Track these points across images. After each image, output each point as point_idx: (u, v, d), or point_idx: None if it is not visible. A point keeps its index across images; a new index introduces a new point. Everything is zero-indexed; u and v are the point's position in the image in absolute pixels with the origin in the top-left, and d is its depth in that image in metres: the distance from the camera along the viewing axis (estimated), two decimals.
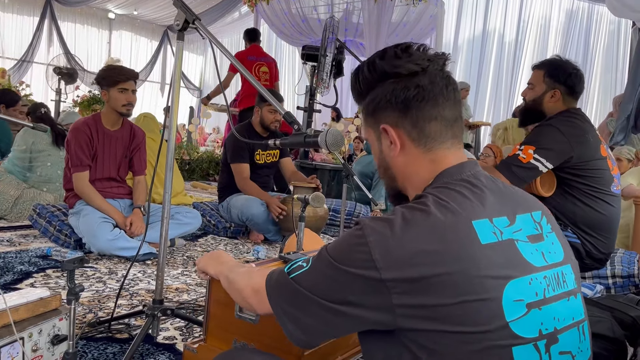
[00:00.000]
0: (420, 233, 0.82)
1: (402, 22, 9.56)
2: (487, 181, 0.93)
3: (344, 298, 0.84)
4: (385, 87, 0.96)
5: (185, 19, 1.68)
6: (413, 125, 0.95)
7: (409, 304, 0.80)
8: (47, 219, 3.32)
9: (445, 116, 0.95)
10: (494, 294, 0.80)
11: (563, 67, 2.31)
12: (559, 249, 0.94)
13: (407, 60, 0.94)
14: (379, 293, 0.81)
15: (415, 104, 0.93)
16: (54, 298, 1.51)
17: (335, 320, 0.86)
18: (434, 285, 0.79)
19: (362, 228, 0.84)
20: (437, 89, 0.94)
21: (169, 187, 1.77)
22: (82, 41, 14.22)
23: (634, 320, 1.76)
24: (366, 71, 0.98)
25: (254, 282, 1.03)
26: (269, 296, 0.95)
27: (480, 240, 0.82)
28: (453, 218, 0.83)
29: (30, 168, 4.09)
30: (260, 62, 5.78)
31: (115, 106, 3.07)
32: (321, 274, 0.87)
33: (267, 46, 13.43)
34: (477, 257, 0.81)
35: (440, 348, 0.80)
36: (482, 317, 0.79)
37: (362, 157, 5.72)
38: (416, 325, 0.80)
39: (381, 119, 0.98)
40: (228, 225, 3.94)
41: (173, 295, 2.45)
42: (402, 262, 0.80)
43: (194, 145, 8.94)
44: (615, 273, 2.77)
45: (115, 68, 3.13)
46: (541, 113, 2.35)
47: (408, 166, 0.98)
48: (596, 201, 2.23)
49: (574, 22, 10.06)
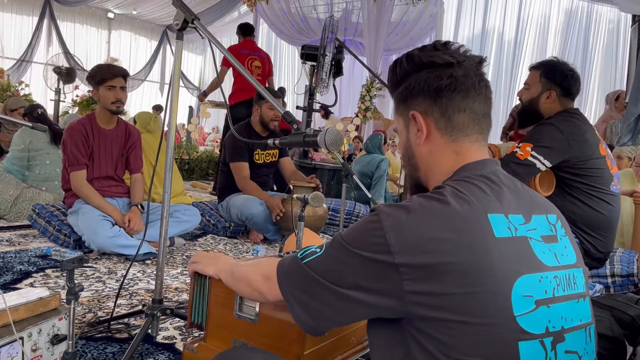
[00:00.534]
0: (436, 220, 0.82)
1: (401, 22, 9.58)
2: (506, 179, 0.94)
3: (355, 282, 0.85)
4: (420, 76, 0.98)
5: (184, 19, 1.68)
6: (442, 114, 0.96)
7: (420, 290, 0.80)
8: (47, 218, 3.32)
9: (474, 109, 0.96)
10: (503, 288, 0.81)
11: (559, 68, 2.32)
12: (571, 252, 0.95)
13: (444, 52, 0.96)
14: (391, 278, 0.81)
15: (446, 94, 0.95)
16: (53, 298, 1.51)
17: (345, 306, 0.87)
18: (445, 273, 0.79)
19: (378, 214, 0.85)
20: (469, 82, 0.95)
21: (168, 186, 1.77)
22: (81, 41, 14.23)
23: (633, 320, 1.76)
24: (404, 61, 1.00)
25: (265, 269, 1.04)
26: (279, 282, 0.96)
27: (494, 233, 0.83)
28: (469, 209, 0.84)
29: (29, 167, 4.10)
30: (253, 56, 5.75)
31: (105, 104, 3.08)
32: (334, 259, 0.88)
33: (267, 45, 13.45)
34: (490, 249, 0.81)
35: (447, 339, 0.80)
36: (490, 309, 0.80)
37: (362, 157, 5.73)
38: (425, 313, 0.81)
39: (412, 105, 0.99)
40: (227, 224, 3.94)
41: (172, 294, 2.45)
42: (416, 247, 0.81)
43: (193, 145, 8.94)
44: (615, 272, 2.77)
45: (102, 66, 3.15)
46: (538, 114, 2.36)
47: (432, 155, 0.99)
48: (595, 200, 2.23)
49: (573, 21, 10.07)
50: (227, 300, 1.40)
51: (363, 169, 5.43)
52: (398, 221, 0.83)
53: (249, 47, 5.79)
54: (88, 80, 3.12)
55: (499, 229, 0.84)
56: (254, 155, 3.87)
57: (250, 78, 1.73)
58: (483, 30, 10.69)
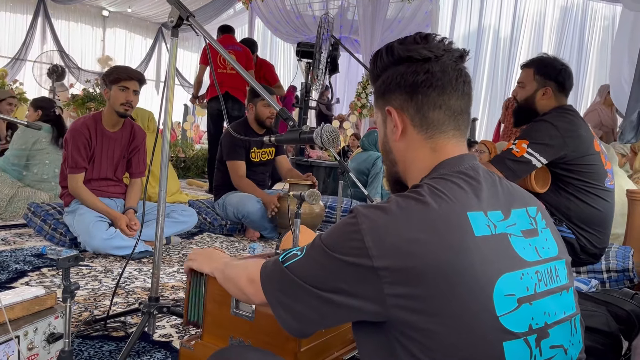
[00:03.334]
0: (414, 221, 0.81)
1: (397, 19, 9.57)
2: (485, 174, 0.93)
3: (336, 286, 0.84)
4: (398, 70, 0.96)
5: (179, 16, 1.68)
6: (417, 110, 0.95)
7: (400, 293, 0.79)
8: (42, 217, 3.30)
9: (450, 106, 0.95)
10: (485, 288, 0.80)
11: (552, 64, 2.33)
12: (553, 244, 0.94)
13: (423, 47, 0.94)
14: (371, 282, 0.81)
15: (422, 90, 0.94)
16: (49, 296, 1.51)
17: (327, 309, 0.86)
18: (426, 275, 0.78)
19: (356, 216, 0.84)
20: (446, 78, 0.94)
21: (164, 184, 1.76)
22: (76, 39, 14.18)
23: (628, 314, 1.77)
24: (384, 54, 0.99)
25: (249, 272, 1.03)
26: (262, 285, 0.95)
27: (474, 232, 0.82)
28: (448, 208, 0.83)
29: (27, 166, 4.08)
30: (228, 49, 5.72)
31: (114, 104, 3.00)
32: (314, 262, 0.87)
33: (262, 43, 13.42)
34: (470, 249, 0.80)
35: (431, 341, 0.79)
36: (473, 310, 0.79)
37: (358, 154, 5.73)
38: (407, 317, 0.80)
39: (388, 101, 0.98)
40: (224, 222, 3.94)
41: (169, 293, 2.45)
42: (394, 250, 0.79)
43: (189, 143, 8.92)
44: (610, 267, 2.78)
45: (120, 66, 3.08)
46: (534, 111, 2.36)
47: (409, 151, 0.98)
48: (590, 196, 2.24)
49: (568, 18, 10.10)
50: (224, 298, 1.40)
51: (359, 166, 5.43)
52: (375, 223, 0.82)
53: (226, 41, 5.71)
54: (103, 79, 3.05)
55: (478, 227, 0.83)
56: (251, 153, 3.86)
57: (245, 73, 1.73)
58: (479, 28, 10.70)
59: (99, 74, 12.64)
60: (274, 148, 4.00)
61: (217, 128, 5.55)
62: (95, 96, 6.16)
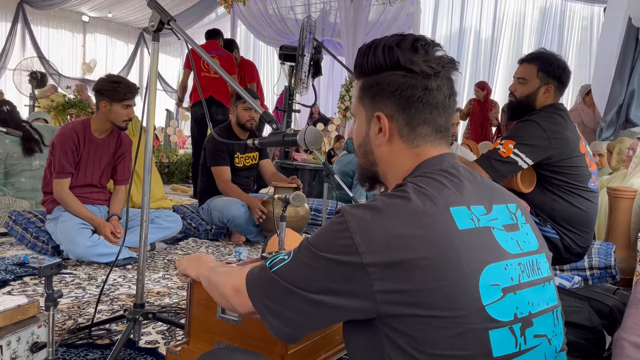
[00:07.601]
0: (400, 218, 0.83)
1: (378, 21, 9.62)
2: (465, 172, 0.96)
3: (325, 287, 0.85)
4: (395, 77, 0.95)
5: (160, 20, 1.67)
6: (407, 123, 0.96)
7: (389, 289, 0.81)
8: (24, 225, 3.26)
9: (437, 123, 0.97)
10: (471, 279, 0.82)
11: (556, 62, 2.31)
12: (533, 239, 0.97)
13: (423, 59, 0.93)
14: (360, 279, 0.82)
15: (416, 104, 0.95)
16: (31, 305, 1.49)
17: (317, 312, 0.87)
18: (413, 269, 0.80)
19: (344, 215, 0.86)
20: (440, 96, 0.95)
21: (147, 189, 1.75)
22: (55, 45, 13.99)
23: (610, 309, 1.79)
24: (380, 53, 0.96)
25: (234, 281, 1.02)
26: (249, 293, 0.95)
27: (457, 226, 0.85)
28: (431, 204, 0.85)
29: (6, 178, 4.02)
30: (211, 54, 5.71)
31: (116, 120, 3.01)
32: (303, 265, 0.88)
33: (245, 47, 13.39)
34: (455, 242, 0.83)
35: (419, 334, 0.81)
36: (460, 301, 0.81)
37: (343, 157, 5.74)
38: (396, 311, 0.82)
39: (379, 105, 0.98)
40: (209, 227, 3.92)
41: (155, 299, 2.43)
42: (382, 246, 0.81)
43: (172, 148, 8.87)
44: (593, 265, 2.81)
45: (121, 82, 3.02)
46: (532, 109, 2.34)
47: (392, 157, 0.99)
48: (575, 197, 2.26)
49: (547, 18, 10.23)
50: (210, 302, 1.39)
51: (344, 168, 5.44)
52: (363, 221, 0.84)
53: (210, 47, 5.70)
54: (100, 92, 2.99)
55: (461, 221, 0.85)
56: (234, 159, 3.85)
57: (229, 78, 1.73)
58: (460, 29, 10.79)
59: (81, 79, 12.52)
60: (258, 152, 4.00)
61: (202, 132, 5.52)
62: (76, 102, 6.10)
